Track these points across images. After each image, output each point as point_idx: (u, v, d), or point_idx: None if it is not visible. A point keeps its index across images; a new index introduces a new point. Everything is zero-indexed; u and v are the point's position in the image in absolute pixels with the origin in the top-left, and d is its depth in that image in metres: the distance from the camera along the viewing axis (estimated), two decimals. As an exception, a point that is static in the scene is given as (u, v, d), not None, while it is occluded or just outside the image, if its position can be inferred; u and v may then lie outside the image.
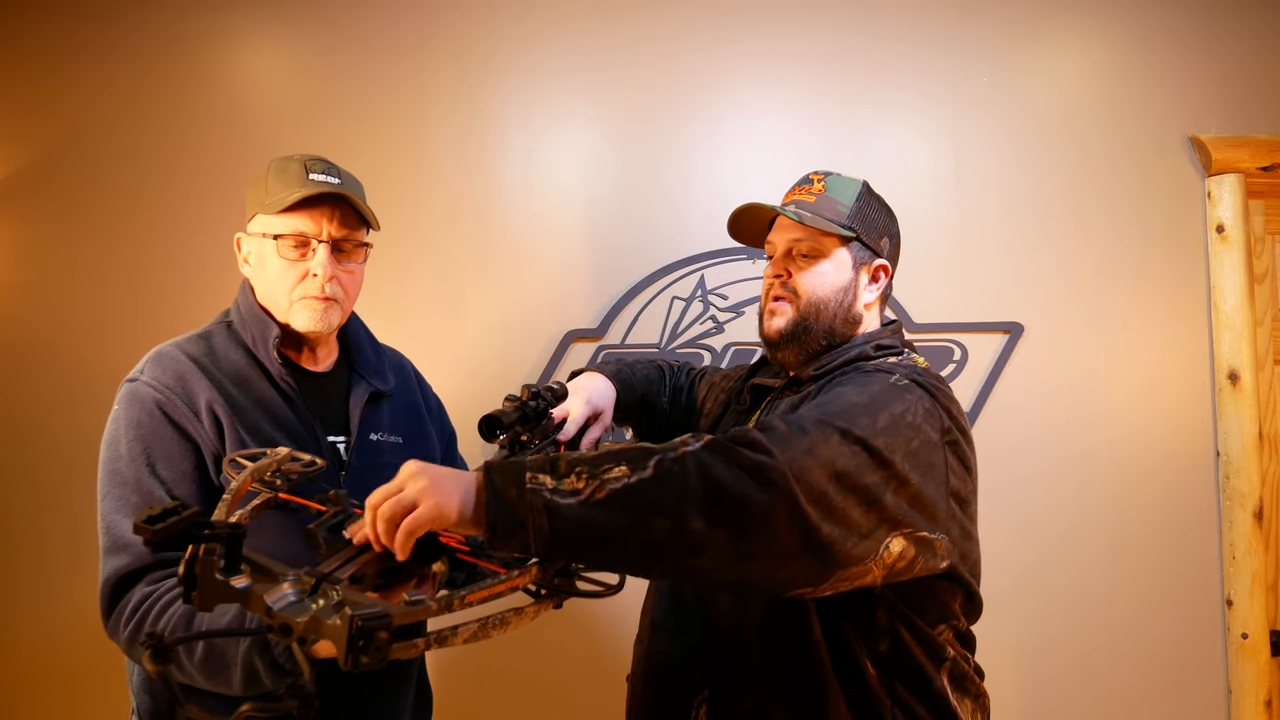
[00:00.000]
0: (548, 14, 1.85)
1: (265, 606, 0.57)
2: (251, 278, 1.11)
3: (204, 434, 0.99)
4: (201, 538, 0.58)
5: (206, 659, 0.89)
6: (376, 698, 1.11)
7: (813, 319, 1.07)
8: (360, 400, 1.14)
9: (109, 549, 0.97)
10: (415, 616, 0.57)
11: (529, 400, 1.03)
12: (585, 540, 0.74)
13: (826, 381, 1.04)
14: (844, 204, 1.09)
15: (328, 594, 0.58)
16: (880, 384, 0.94)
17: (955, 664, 1.00)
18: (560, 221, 1.84)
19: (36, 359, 1.76)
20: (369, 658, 0.53)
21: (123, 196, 1.78)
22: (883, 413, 0.88)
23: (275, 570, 0.61)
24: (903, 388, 0.94)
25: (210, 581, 0.58)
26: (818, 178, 1.12)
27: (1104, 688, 1.83)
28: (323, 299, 1.07)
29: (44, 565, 1.73)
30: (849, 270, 1.09)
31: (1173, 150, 1.90)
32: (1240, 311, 1.86)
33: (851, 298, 1.09)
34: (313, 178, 1.06)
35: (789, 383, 1.11)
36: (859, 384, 0.94)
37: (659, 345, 1.84)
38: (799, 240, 1.09)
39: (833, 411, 0.86)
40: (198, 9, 1.81)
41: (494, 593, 0.64)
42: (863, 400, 0.89)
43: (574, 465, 0.76)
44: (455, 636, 0.61)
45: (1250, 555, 1.83)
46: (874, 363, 1.03)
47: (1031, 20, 1.90)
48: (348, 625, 0.52)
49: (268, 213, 1.05)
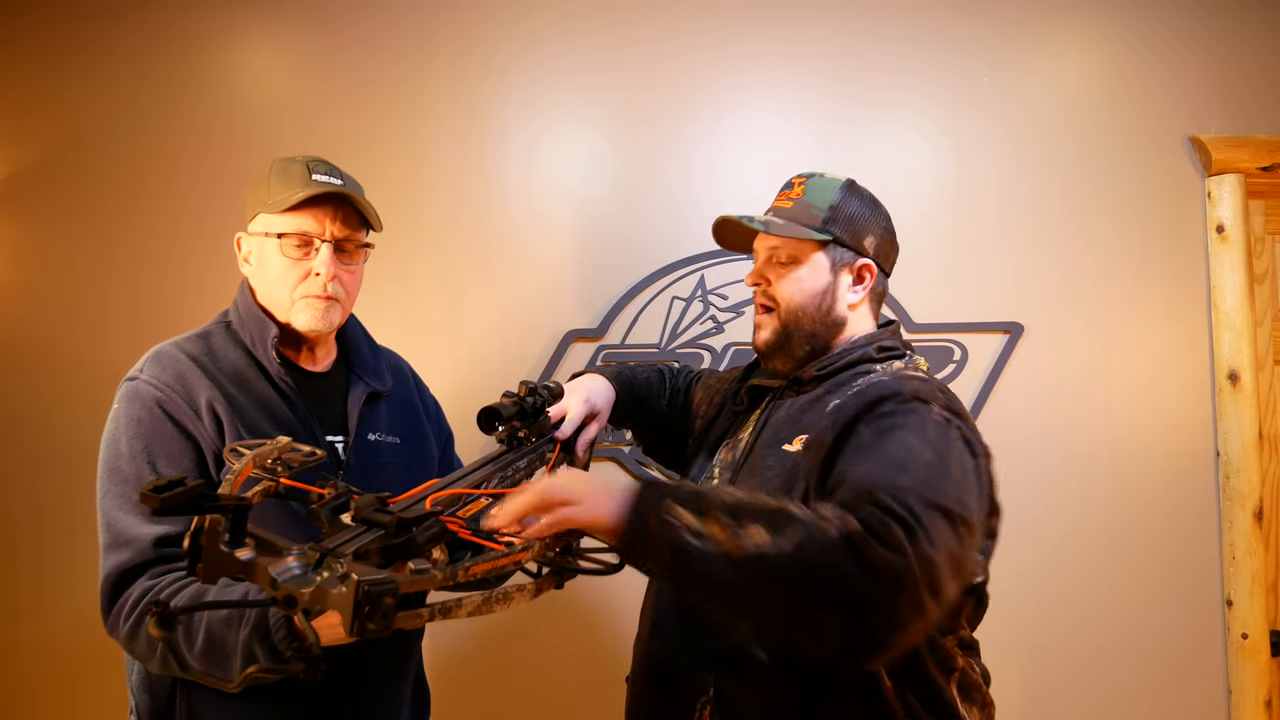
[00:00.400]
0: (548, 14, 1.85)
1: (270, 578, 0.57)
2: (252, 277, 1.11)
3: (204, 432, 1.00)
4: (207, 508, 0.58)
5: (207, 649, 0.90)
6: (374, 696, 1.11)
7: (794, 326, 1.08)
8: (358, 400, 1.14)
9: (110, 545, 0.97)
10: (420, 585, 0.57)
11: (526, 396, 1.05)
12: (704, 585, 0.77)
13: (831, 382, 1.05)
14: (819, 207, 1.08)
15: (332, 566, 0.58)
16: (933, 429, 0.92)
17: (964, 674, 1.00)
18: (560, 221, 1.84)
19: (36, 359, 1.76)
20: (374, 624, 0.53)
21: (123, 196, 1.78)
22: (954, 468, 0.88)
23: (279, 545, 0.61)
24: (945, 425, 0.93)
25: (215, 553, 0.58)
26: (799, 181, 1.12)
27: (1104, 687, 1.83)
28: (324, 298, 1.08)
29: (44, 565, 1.73)
30: (826, 273, 1.08)
31: (1173, 150, 1.90)
32: (1240, 311, 1.86)
33: (831, 301, 1.08)
34: (316, 178, 1.06)
35: (791, 383, 1.11)
36: (916, 430, 0.91)
37: (659, 345, 1.84)
38: (776, 248, 1.09)
39: (921, 480, 0.83)
40: (198, 9, 1.81)
41: (498, 566, 0.64)
42: (932, 458, 0.87)
43: (717, 508, 0.77)
44: (459, 609, 0.61)
45: (1250, 555, 1.83)
46: (894, 382, 1.00)
47: (1031, 20, 1.90)
48: (353, 591, 0.53)
49: (271, 212, 1.05)
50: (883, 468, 0.86)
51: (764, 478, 1.02)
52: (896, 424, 0.92)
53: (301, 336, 1.10)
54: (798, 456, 1.00)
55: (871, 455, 0.89)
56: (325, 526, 0.69)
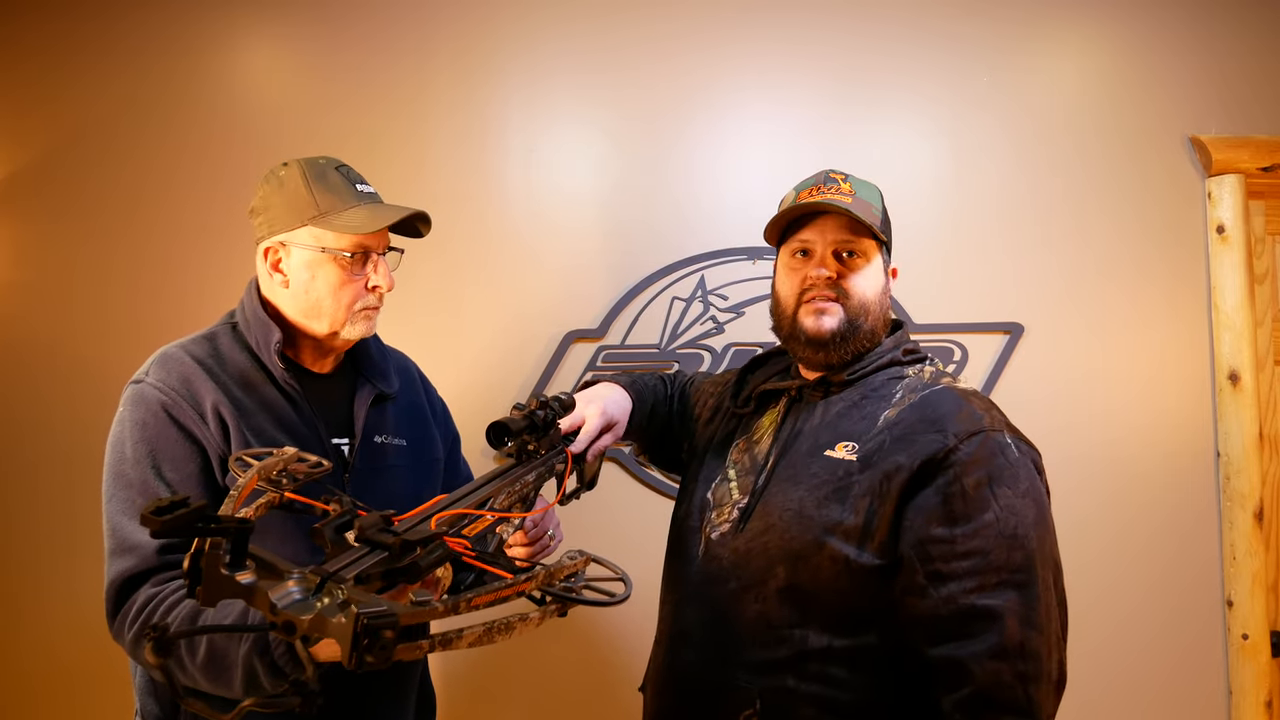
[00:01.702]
0: (548, 14, 1.85)
1: (269, 603, 0.56)
2: (290, 288, 1.08)
3: (209, 436, 0.99)
4: (208, 531, 0.58)
5: (208, 661, 0.89)
6: (380, 701, 1.11)
7: (861, 320, 1.07)
8: (365, 403, 1.14)
9: (114, 551, 0.97)
10: (421, 618, 0.57)
11: (537, 409, 1.02)
12: None
13: (864, 385, 1.07)
14: (876, 206, 1.09)
15: (333, 592, 0.57)
16: (1027, 482, 0.96)
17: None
18: (560, 222, 1.84)
19: (37, 359, 1.76)
20: (374, 657, 0.53)
21: (123, 196, 1.78)
22: (1049, 539, 0.98)
23: (281, 567, 0.60)
24: (1028, 469, 0.98)
25: (215, 576, 0.58)
26: (841, 178, 1.10)
27: (1104, 687, 1.83)
28: (378, 308, 1.12)
29: (44, 565, 1.73)
30: (883, 274, 1.10)
31: (1173, 150, 1.90)
32: (1240, 312, 1.86)
33: (886, 300, 1.11)
34: (361, 189, 1.08)
35: (817, 383, 1.10)
36: (1022, 495, 0.96)
37: (659, 346, 1.84)
38: (848, 241, 1.07)
39: (1038, 647, 0.93)
40: (198, 9, 1.81)
41: (500, 596, 0.64)
42: (1041, 533, 0.96)
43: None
44: (460, 640, 0.60)
45: (1250, 556, 1.83)
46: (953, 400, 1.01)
47: (1031, 20, 1.90)
48: (353, 623, 0.52)
49: (329, 228, 1.04)
50: (993, 549, 0.93)
51: (810, 485, 1.01)
52: (990, 499, 0.95)
53: (318, 341, 1.10)
54: (851, 466, 0.99)
55: (975, 558, 0.93)
56: (328, 547, 0.69)
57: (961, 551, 0.92)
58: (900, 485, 0.96)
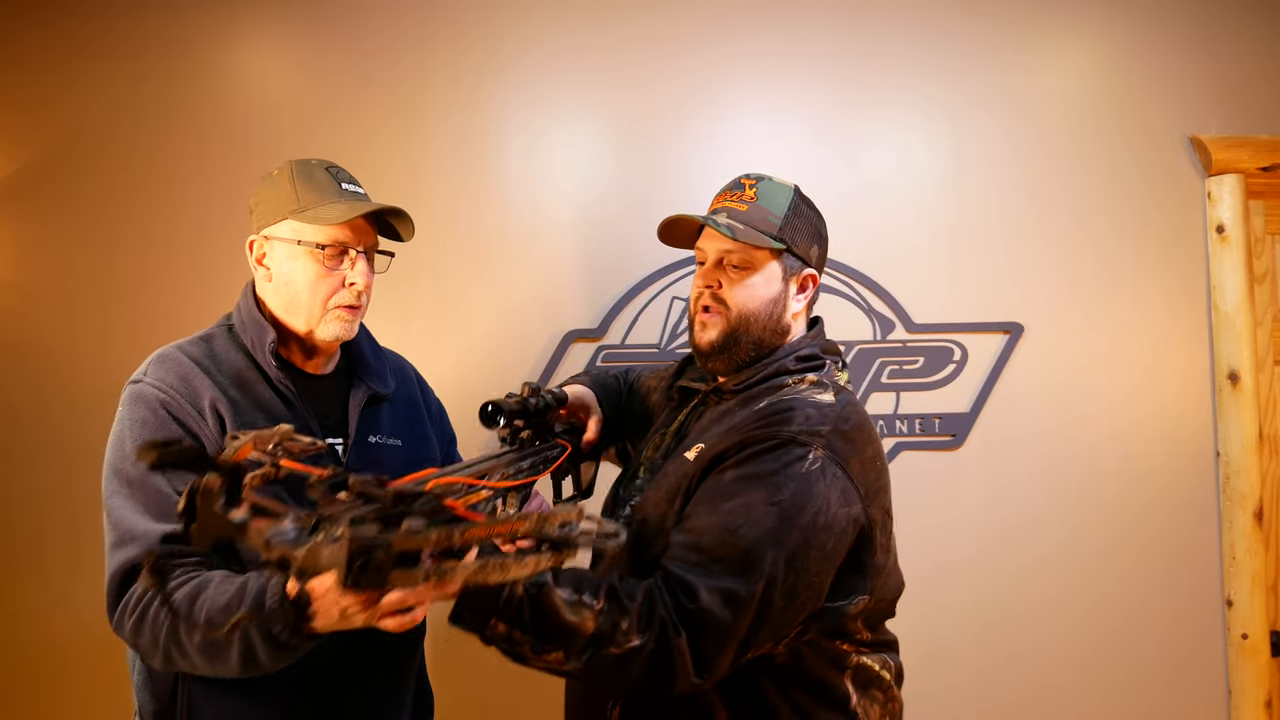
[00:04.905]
0: (548, 14, 1.85)
1: (264, 539, 0.57)
2: (273, 282, 1.09)
3: (208, 432, 1.00)
4: (204, 466, 0.58)
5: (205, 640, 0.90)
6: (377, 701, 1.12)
7: (742, 331, 1.07)
8: (359, 403, 1.15)
9: (116, 543, 0.97)
10: (414, 544, 0.57)
11: (529, 397, 1.06)
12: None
13: (746, 395, 1.06)
14: (775, 214, 1.07)
15: (328, 531, 0.58)
16: (795, 483, 0.92)
17: (860, 669, 1.02)
18: (560, 221, 1.84)
19: (37, 359, 1.76)
20: (368, 578, 0.53)
21: (123, 196, 1.78)
22: (793, 533, 0.91)
23: (277, 509, 0.61)
24: (816, 473, 0.93)
25: (210, 513, 0.59)
26: (749, 183, 1.10)
27: (1104, 688, 1.83)
28: (355, 309, 1.10)
29: (44, 565, 1.73)
30: (779, 282, 1.08)
31: (1173, 150, 1.90)
32: (1240, 312, 1.86)
33: (780, 309, 1.09)
34: (346, 187, 1.09)
35: (713, 390, 1.12)
36: (769, 488, 0.93)
37: (659, 345, 1.84)
38: (730, 252, 1.07)
39: (733, 561, 0.89)
40: (198, 9, 1.81)
41: (495, 531, 0.64)
42: (771, 525, 0.90)
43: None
44: (455, 572, 0.61)
45: (1250, 556, 1.83)
46: (790, 410, 1.00)
47: (1031, 20, 1.90)
48: (347, 545, 0.52)
49: (307, 221, 1.05)
50: (711, 536, 0.92)
51: (661, 483, 1.05)
52: (756, 474, 0.94)
53: (313, 343, 1.11)
54: (688, 466, 1.02)
55: (710, 512, 0.94)
56: (322, 502, 0.69)
57: (686, 527, 0.95)
58: (701, 471, 0.99)
